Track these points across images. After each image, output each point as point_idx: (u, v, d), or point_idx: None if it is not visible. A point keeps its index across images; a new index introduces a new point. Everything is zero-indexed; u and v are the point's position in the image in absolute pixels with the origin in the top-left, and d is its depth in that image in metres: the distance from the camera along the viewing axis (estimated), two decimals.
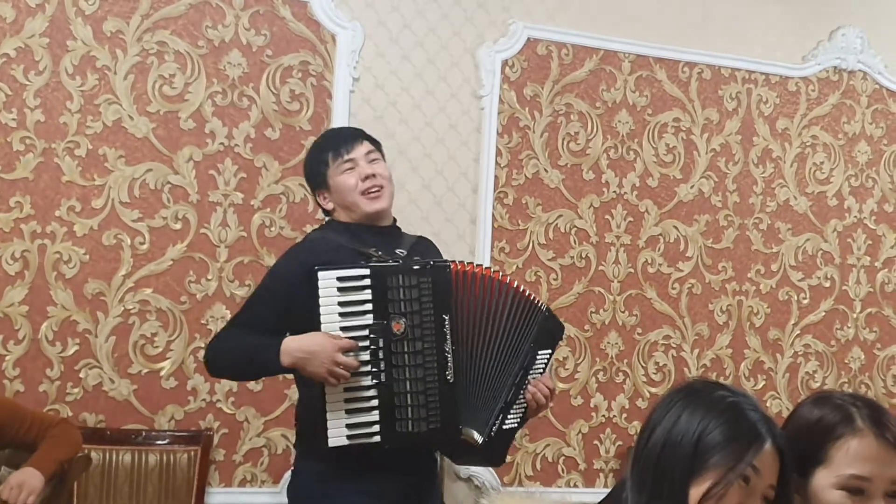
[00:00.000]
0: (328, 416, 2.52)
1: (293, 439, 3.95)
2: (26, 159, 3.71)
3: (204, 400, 3.88)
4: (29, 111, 3.72)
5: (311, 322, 2.55)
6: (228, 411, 3.91)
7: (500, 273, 2.77)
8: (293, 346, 2.54)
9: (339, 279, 2.53)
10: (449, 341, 2.56)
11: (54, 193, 3.74)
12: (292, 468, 2.83)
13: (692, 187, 4.63)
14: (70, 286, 3.74)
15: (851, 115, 4.92)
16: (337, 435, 2.51)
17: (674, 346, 4.57)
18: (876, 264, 4.93)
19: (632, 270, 4.52)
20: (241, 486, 3.93)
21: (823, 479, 1.78)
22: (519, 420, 2.69)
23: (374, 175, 2.75)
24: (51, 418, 3.32)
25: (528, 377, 2.67)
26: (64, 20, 3.77)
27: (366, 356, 2.53)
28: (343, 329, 2.53)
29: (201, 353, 3.84)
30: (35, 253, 3.71)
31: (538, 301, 2.72)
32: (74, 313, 3.75)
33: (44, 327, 3.71)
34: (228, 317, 3.85)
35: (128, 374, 3.80)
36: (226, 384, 3.89)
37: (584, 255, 4.44)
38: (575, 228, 4.44)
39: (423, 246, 2.88)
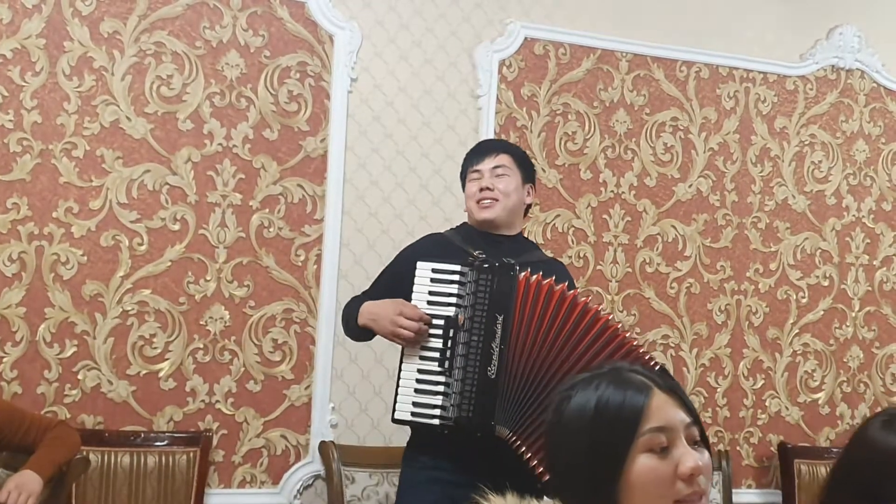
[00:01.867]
0: (399, 390, 2.79)
1: (292, 440, 3.99)
2: (23, 160, 3.70)
3: (203, 401, 3.88)
4: (26, 112, 3.71)
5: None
6: (227, 412, 3.91)
7: (586, 298, 2.80)
8: (366, 308, 2.89)
9: (434, 270, 2.81)
10: (498, 340, 2.71)
11: (52, 195, 3.73)
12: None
13: (690, 186, 4.63)
14: (68, 287, 3.73)
15: (849, 113, 4.92)
16: (403, 410, 2.78)
17: (672, 345, 4.57)
18: (874, 263, 4.94)
19: (630, 270, 4.52)
20: (241, 487, 3.92)
21: None
22: None
23: (489, 188, 2.97)
24: (49, 420, 3.32)
25: None
26: (60, 21, 3.76)
27: (439, 343, 2.76)
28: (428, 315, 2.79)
29: (200, 354, 3.86)
30: (32, 254, 3.70)
31: (646, 354, 2.77)
32: (72, 315, 3.74)
33: (41, 329, 3.70)
34: (227, 318, 3.90)
35: (126, 375, 3.79)
36: (224, 385, 3.89)
37: (582, 255, 4.44)
38: (573, 228, 4.43)
39: (549, 267, 2.91)
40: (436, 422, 2.73)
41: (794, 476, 4.52)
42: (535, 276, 2.74)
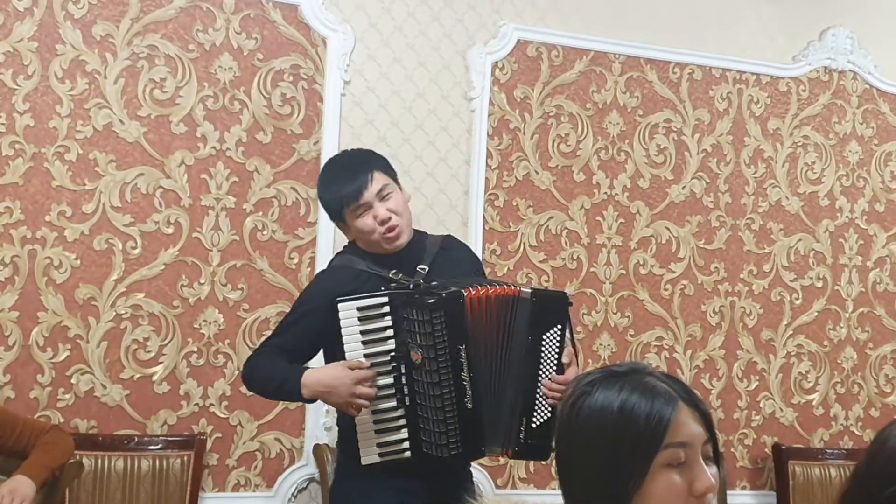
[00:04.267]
0: (359, 437, 2.65)
1: (286, 443, 3.98)
2: (16, 164, 3.69)
3: (197, 404, 3.87)
4: (18, 116, 3.70)
5: (338, 349, 2.66)
6: (221, 415, 3.90)
7: (514, 286, 2.72)
8: (312, 379, 2.64)
9: (359, 309, 2.62)
10: (466, 369, 2.60)
11: (44, 198, 3.72)
12: (336, 467, 2.92)
13: (683, 188, 4.63)
14: (61, 291, 3.72)
15: (842, 115, 4.93)
16: (369, 454, 2.64)
17: (666, 347, 4.57)
18: (868, 264, 4.94)
19: (623, 272, 4.52)
20: (235, 490, 3.92)
21: None
22: (550, 410, 2.68)
23: (389, 218, 2.72)
24: (42, 425, 3.30)
25: (540, 368, 2.67)
26: (53, 24, 3.75)
27: (390, 380, 2.62)
28: (367, 356, 2.63)
29: (194, 357, 3.86)
30: (25, 258, 3.69)
31: (518, 291, 2.69)
32: (65, 318, 3.73)
33: (34, 333, 3.69)
34: (221, 321, 3.88)
35: (120, 379, 3.78)
36: (218, 388, 3.88)
37: (575, 257, 4.44)
38: (566, 230, 4.43)
39: (449, 248, 2.89)
40: (407, 454, 2.64)
41: (789, 477, 4.52)
42: (475, 292, 2.63)
